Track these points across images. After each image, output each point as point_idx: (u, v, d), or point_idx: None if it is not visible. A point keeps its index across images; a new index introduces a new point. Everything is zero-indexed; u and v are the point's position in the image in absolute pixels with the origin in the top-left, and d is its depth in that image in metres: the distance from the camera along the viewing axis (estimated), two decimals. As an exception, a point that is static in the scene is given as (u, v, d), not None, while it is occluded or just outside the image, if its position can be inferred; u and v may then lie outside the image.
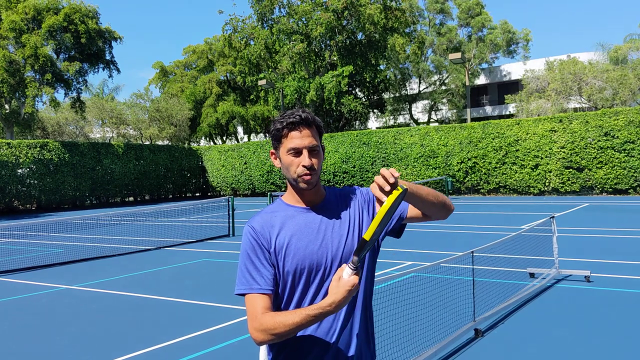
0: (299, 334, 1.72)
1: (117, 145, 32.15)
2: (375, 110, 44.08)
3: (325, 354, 1.74)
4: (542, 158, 23.28)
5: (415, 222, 1.92)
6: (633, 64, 31.98)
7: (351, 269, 1.55)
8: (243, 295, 1.74)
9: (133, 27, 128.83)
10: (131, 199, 33.62)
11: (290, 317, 1.61)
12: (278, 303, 1.78)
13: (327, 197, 1.86)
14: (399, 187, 1.54)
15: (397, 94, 46.13)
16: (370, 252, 1.83)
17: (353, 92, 37.73)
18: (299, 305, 1.74)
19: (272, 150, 1.86)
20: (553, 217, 7.59)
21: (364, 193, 1.91)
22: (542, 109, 31.19)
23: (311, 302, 1.72)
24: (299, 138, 1.76)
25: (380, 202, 1.55)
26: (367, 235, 1.53)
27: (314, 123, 1.79)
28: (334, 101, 31.96)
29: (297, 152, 1.76)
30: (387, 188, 1.53)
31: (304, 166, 1.74)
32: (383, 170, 1.55)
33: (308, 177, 1.75)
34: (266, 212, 1.84)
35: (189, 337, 5.52)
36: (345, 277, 1.55)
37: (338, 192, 1.90)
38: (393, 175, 1.53)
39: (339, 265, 1.74)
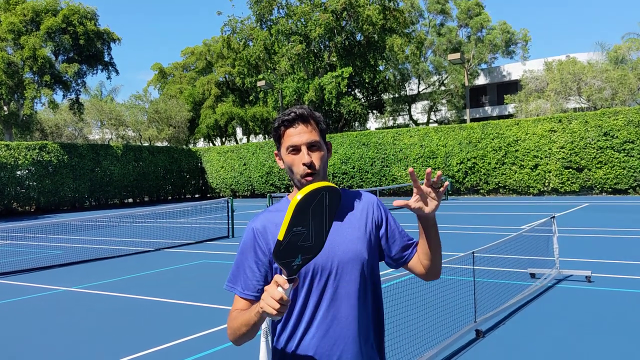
0: (303, 343, 1.65)
1: (116, 147, 32.11)
2: (374, 111, 44.06)
3: None
4: (541, 158, 23.26)
5: (408, 270, 1.84)
6: (633, 64, 32.00)
7: (284, 279, 1.37)
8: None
9: (132, 28, 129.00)
10: (130, 200, 33.58)
11: (244, 313, 1.57)
12: None
13: None
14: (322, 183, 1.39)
15: (397, 95, 46.09)
16: (368, 261, 1.71)
17: (352, 92, 37.71)
18: (301, 310, 1.65)
19: (276, 152, 1.78)
20: (554, 217, 7.56)
21: (372, 200, 1.81)
22: (542, 109, 31.19)
23: (314, 308, 1.64)
24: (296, 135, 1.67)
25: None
26: (280, 235, 1.35)
27: (311, 117, 1.71)
28: (334, 102, 31.94)
29: (295, 150, 1.68)
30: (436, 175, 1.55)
31: (303, 164, 1.65)
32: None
33: (309, 178, 1.66)
34: (270, 210, 1.76)
35: (188, 339, 5.49)
36: (272, 290, 1.37)
37: (343, 193, 1.80)
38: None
39: (344, 270, 1.66)
